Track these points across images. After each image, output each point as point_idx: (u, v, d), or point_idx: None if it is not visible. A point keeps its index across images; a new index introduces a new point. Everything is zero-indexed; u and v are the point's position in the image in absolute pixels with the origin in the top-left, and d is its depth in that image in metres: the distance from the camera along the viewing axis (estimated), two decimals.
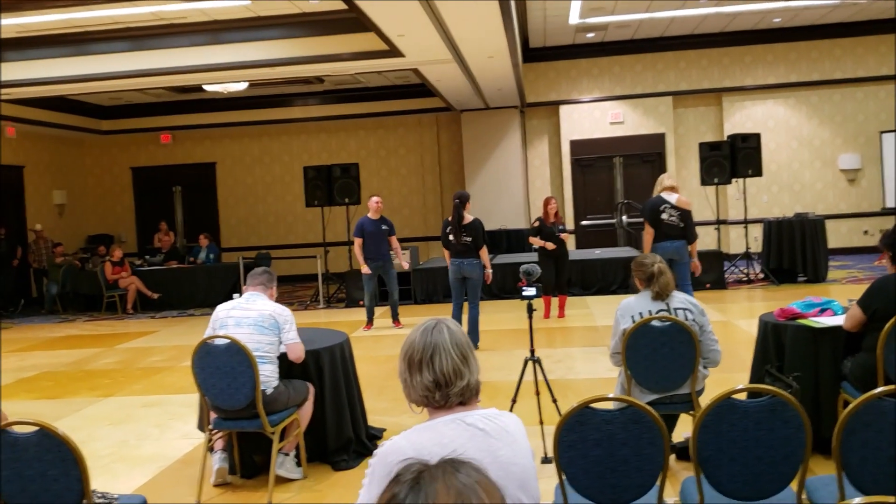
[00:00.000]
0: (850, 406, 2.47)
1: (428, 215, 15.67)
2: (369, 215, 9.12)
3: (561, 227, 9.24)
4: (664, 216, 7.22)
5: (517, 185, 14.79)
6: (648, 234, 7.33)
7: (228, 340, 3.97)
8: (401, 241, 9.67)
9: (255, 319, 4.13)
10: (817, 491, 2.70)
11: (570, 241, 14.52)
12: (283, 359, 4.33)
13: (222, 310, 4.24)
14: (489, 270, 7.68)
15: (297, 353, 4.28)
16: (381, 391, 6.22)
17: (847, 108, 14.38)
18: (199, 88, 13.14)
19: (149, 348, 9.17)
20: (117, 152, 16.49)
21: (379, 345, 8.42)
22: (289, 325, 4.20)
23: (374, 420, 5.17)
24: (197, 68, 9.93)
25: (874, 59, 14.08)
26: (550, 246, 9.10)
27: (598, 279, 11.44)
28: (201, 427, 4.53)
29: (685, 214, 7.22)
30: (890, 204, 13.76)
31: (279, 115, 15.64)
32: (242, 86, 12.44)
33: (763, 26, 13.76)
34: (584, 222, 14.76)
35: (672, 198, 7.26)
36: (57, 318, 12.44)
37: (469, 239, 7.54)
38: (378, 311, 9.65)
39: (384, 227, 9.11)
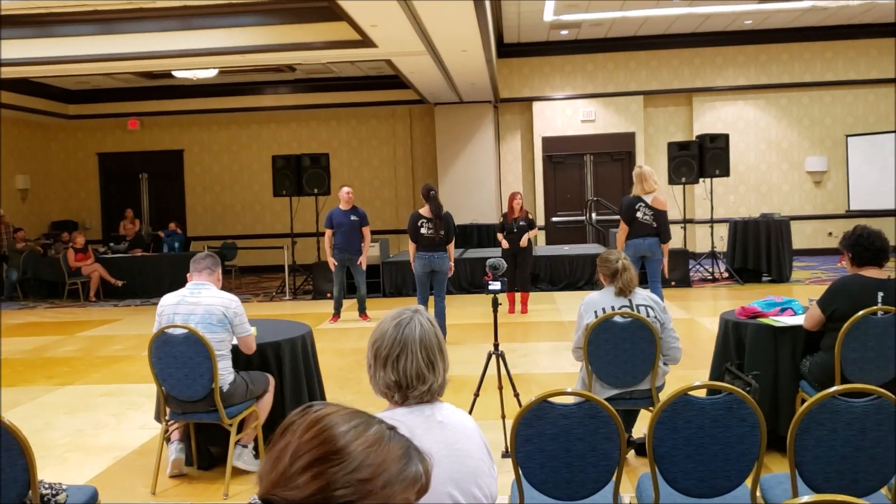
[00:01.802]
0: (805, 405, 2.49)
1: (400, 207, 15.59)
2: (340, 206, 9.04)
3: (522, 223, 9.19)
4: (639, 214, 7.30)
5: (489, 179, 14.79)
6: (622, 230, 7.41)
7: (186, 330, 3.89)
8: (371, 233, 9.56)
9: (202, 317, 3.96)
10: (771, 489, 2.72)
11: (539, 238, 14.62)
12: (240, 350, 4.26)
13: (168, 305, 4.06)
14: (451, 264, 7.67)
15: (250, 346, 4.18)
16: (345, 384, 6.18)
17: (815, 112, 14.58)
18: (168, 74, 12.91)
19: (110, 337, 9.01)
20: (83, 137, 16.17)
21: (345, 337, 8.36)
22: (239, 318, 4.06)
23: None
24: (166, 54, 9.75)
25: (843, 63, 14.29)
26: (504, 244, 9.17)
27: (566, 275, 11.49)
28: (158, 418, 4.45)
29: (659, 214, 7.29)
30: (854, 207, 14.00)
31: (249, 103, 15.44)
32: (212, 73, 12.26)
33: (735, 28, 13.89)
34: (554, 219, 14.82)
35: (649, 197, 7.35)
36: (17, 304, 12.17)
37: (443, 232, 7.51)
38: (346, 303, 9.58)
39: (354, 219, 8.99)
